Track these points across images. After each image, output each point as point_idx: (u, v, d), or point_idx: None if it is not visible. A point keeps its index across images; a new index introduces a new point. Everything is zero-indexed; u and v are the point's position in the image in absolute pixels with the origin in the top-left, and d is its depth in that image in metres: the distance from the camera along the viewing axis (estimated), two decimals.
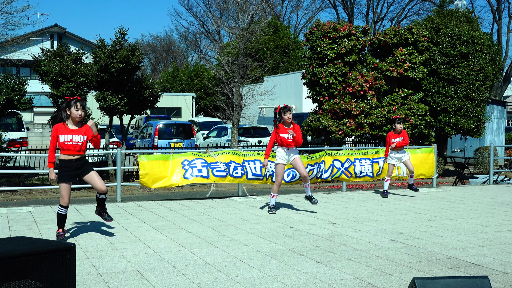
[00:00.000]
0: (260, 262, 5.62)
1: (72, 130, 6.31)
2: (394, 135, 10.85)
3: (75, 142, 6.28)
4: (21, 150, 16.95)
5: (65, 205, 6.38)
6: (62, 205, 6.38)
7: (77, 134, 6.31)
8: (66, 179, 6.33)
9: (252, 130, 22.76)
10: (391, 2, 55.95)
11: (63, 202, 6.36)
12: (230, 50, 23.65)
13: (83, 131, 6.38)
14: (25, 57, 26.05)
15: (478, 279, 3.82)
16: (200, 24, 53.32)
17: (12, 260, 3.17)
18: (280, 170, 8.64)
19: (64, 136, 6.25)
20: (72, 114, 6.29)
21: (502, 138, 23.46)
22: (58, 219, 6.44)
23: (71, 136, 6.27)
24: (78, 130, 6.35)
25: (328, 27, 17.39)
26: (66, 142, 6.25)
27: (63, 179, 6.32)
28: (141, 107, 16.33)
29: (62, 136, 6.25)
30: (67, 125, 6.33)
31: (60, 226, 6.47)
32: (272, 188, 8.88)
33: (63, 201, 6.35)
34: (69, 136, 6.26)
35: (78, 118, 6.32)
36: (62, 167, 6.32)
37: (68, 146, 6.26)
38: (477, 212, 9.07)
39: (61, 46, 15.63)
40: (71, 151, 6.28)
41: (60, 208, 6.39)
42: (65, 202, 6.36)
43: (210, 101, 35.41)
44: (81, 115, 6.34)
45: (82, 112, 6.33)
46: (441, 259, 5.83)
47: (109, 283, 4.89)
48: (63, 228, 6.50)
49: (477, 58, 17.90)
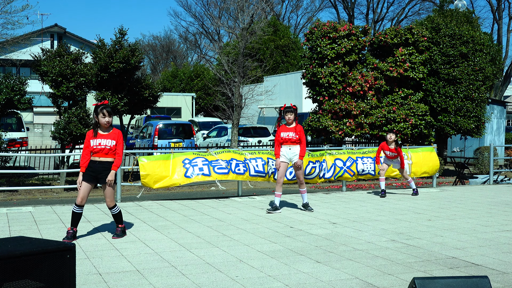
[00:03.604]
0: (260, 262, 5.62)
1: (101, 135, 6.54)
2: (388, 148, 10.82)
3: (104, 146, 6.48)
4: (21, 150, 16.95)
5: (78, 204, 6.54)
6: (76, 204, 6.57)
7: (106, 138, 6.52)
8: (85, 178, 6.52)
9: (252, 130, 22.76)
10: (391, 2, 55.98)
11: (77, 201, 6.57)
12: (230, 50, 23.66)
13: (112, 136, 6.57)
14: (25, 57, 26.05)
15: (478, 279, 3.82)
16: (200, 24, 53.40)
17: (12, 260, 3.17)
18: (283, 168, 8.72)
19: (93, 140, 6.51)
20: (100, 121, 6.53)
21: (502, 138, 23.46)
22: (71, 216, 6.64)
23: (100, 140, 6.50)
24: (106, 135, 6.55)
25: (328, 27, 17.39)
26: (96, 146, 6.48)
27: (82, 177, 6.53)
28: (141, 107, 16.34)
29: (92, 141, 6.51)
30: (98, 130, 6.56)
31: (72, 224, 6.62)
32: (276, 187, 8.94)
33: (77, 199, 6.57)
34: (98, 141, 6.50)
35: (106, 124, 6.54)
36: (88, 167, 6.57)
37: (96, 149, 6.48)
38: (477, 212, 9.07)
39: (61, 46, 15.63)
40: (96, 154, 6.51)
41: (74, 207, 6.60)
42: (77, 200, 6.54)
43: (210, 101, 35.42)
44: (108, 121, 6.55)
45: (109, 119, 6.54)
46: (441, 259, 5.83)
47: (109, 283, 4.89)
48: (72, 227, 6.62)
49: (477, 58, 17.90)
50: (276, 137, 8.81)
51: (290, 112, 8.63)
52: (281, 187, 8.90)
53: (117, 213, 6.78)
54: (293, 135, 8.61)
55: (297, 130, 8.65)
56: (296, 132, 8.62)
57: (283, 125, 8.78)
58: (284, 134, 8.66)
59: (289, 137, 8.62)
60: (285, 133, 8.66)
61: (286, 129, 8.69)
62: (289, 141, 8.63)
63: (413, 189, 11.20)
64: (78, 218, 6.60)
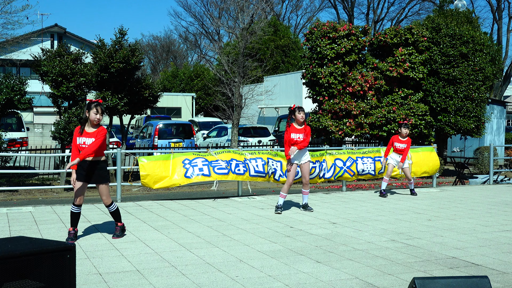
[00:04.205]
0: (260, 262, 5.62)
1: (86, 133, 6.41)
2: (399, 139, 10.89)
3: (88, 145, 6.36)
4: (21, 150, 16.95)
5: (76, 204, 6.54)
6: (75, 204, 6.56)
7: (90, 137, 6.39)
8: (77, 176, 6.47)
9: (252, 130, 22.75)
10: (391, 2, 55.93)
11: (74, 200, 6.56)
12: (230, 50, 23.67)
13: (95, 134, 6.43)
14: (25, 57, 26.05)
15: (478, 279, 3.82)
16: (200, 24, 53.39)
17: (12, 260, 3.17)
18: (294, 169, 8.73)
19: (79, 138, 6.40)
20: (90, 117, 6.40)
21: (502, 138, 23.46)
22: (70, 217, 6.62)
23: (85, 139, 6.39)
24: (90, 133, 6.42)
25: (327, 27, 17.38)
26: (80, 145, 6.38)
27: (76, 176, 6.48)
28: (141, 107, 16.32)
29: (78, 139, 6.40)
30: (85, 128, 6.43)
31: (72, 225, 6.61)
32: (282, 188, 8.93)
33: (74, 199, 6.56)
34: (82, 139, 6.39)
35: (96, 121, 6.43)
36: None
37: (82, 148, 6.36)
38: (477, 212, 9.08)
39: (61, 46, 15.63)
40: None
41: (72, 207, 6.59)
42: (75, 200, 6.53)
43: (210, 101, 35.41)
44: (99, 119, 6.46)
45: (100, 116, 6.45)
46: (441, 259, 5.83)
47: (109, 283, 4.89)
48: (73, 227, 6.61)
49: (477, 58, 17.89)
50: (286, 137, 8.68)
51: (303, 111, 8.68)
52: (288, 189, 8.89)
53: (115, 211, 6.75)
54: (303, 137, 8.59)
55: (306, 131, 8.64)
56: (305, 133, 8.62)
57: (292, 125, 8.67)
58: (295, 136, 8.58)
59: (300, 140, 8.57)
60: (296, 134, 8.58)
61: (296, 130, 8.61)
62: (300, 143, 8.59)
63: (410, 190, 11.27)
64: (78, 218, 6.60)
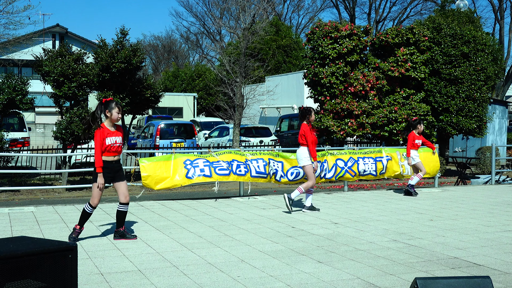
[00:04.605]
0: (261, 262, 5.62)
1: (113, 132, 6.40)
2: (416, 136, 11.11)
3: (119, 143, 6.41)
4: (23, 150, 16.98)
5: (94, 206, 6.43)
6: (91, 205, 6.43)
7: (118, 135, 6.43)
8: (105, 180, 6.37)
9: (254, 130, 22.74)
10: (393, 2, 55.75)
11: (92, 202, 6.41)
12: (232, 50, 23.65)
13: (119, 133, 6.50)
14: (27, 57, 26.10)
15: (480, 279, 3.82)
16: (201, 24, 53.36)
17: (14, 260, 3.17)
18: (312, 170, 8.78)
19: (109, 138, 6.33)
20: (113, 116, 6.38)
21: (504, 138, 23.43)
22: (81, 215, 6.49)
23: (115, 137, 6.38)
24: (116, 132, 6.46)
25: (329, 27, 17.38)
26: (112, 144, 6.34)
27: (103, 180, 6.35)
28: (142, 107, 16.34)
29: (108, 139, 6.32)
30: (108, 127, 6.40)
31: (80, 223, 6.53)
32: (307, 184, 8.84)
33: (93, 201, 6.40)
34: (113, 138, 6.36)
35: (118, 119, 6.46)
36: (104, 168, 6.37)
37: (112, 148, 6.35)
38: (479, 212, 9.06)
39: (63, 46, 15.64)
40: (111, 152, 6.38)
41: (87, 207, 6.45)
42: (94, 202, 6.40)
43: (212, 101, 35.41)
44: (120, 117, 6.50)
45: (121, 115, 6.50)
46: (443, 259, 5.82)
47: (111, 283, 4.89)
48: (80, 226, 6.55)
49: (479, 58, 17.87)
50: (312, 139, 8.70)
51: (315, 112, 8.80)
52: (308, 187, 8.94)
53: (125, 213, 6.62)
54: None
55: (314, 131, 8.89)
56: None
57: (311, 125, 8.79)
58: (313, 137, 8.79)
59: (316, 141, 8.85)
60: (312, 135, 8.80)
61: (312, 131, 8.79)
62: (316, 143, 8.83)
63: (410, 184, 11.13)
64: (87, 219, 6.54)
